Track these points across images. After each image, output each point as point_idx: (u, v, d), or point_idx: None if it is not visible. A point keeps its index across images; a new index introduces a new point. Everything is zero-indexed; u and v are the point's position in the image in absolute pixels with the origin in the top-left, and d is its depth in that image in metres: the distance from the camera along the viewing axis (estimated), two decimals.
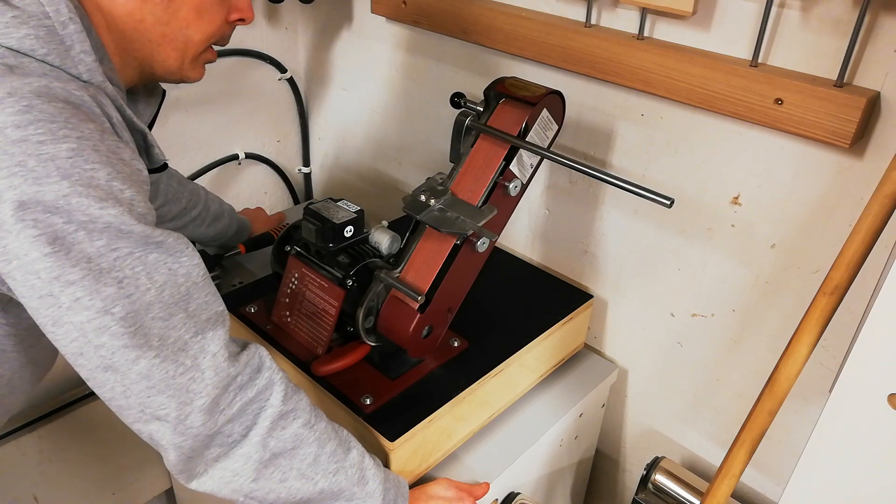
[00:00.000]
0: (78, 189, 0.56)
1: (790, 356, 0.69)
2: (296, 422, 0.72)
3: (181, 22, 0.70)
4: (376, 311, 0.90)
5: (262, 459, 0.69)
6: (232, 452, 0.68)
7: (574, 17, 1.03)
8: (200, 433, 0.65)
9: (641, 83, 0.96)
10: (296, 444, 0.72)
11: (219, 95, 1.40)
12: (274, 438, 0.70)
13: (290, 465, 0.72)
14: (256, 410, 0.69)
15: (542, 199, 1.20)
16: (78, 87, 0.60)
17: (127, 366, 0.61)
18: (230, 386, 0.67)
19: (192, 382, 0.64)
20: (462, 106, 0.94)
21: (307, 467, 0.73)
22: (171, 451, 0.66)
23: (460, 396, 0.93)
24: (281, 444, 0.71)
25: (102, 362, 0.60)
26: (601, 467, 1.32)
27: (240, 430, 0.68)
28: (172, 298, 0.63)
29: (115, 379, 0.61)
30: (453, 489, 0.90)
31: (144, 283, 0.60)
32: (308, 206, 0.98)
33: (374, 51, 1.38)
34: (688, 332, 1.08)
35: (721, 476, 0.74)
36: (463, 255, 0.88)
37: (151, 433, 0.66)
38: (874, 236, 0.65)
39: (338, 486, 0.75)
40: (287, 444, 0.71)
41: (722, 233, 0.99)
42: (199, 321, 0.65)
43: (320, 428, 0.75)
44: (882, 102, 0.80)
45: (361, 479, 0.77)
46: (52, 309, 0.58)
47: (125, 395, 0.62)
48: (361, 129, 1.50)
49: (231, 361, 0.67)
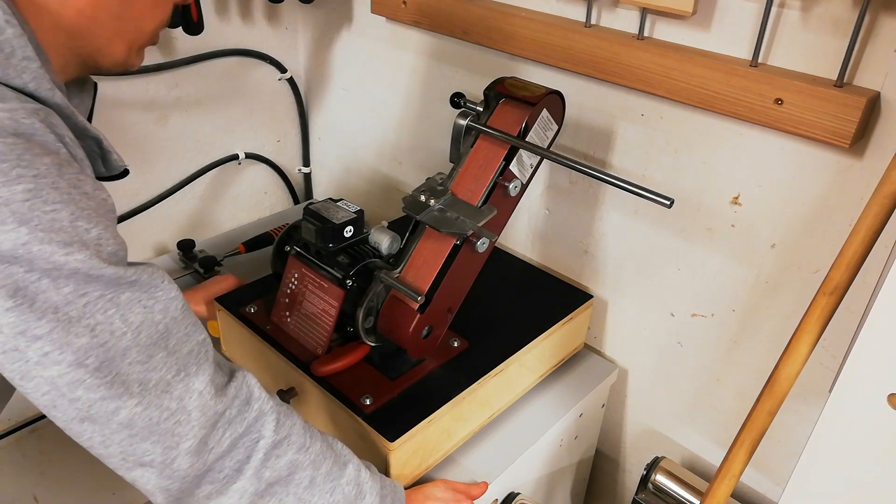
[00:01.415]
0: (38, 235, 0.51)
1: (790, 356, 0.69)
2: (290, 449, 0.69)
3: (136, 14, 0.65)
4: (376, 311, 0.90)
5: (258, 491, 0.67)
6: (226, 489, 0.65)
7: (574, 17, 1.03)
8: (189, 474, 0.62)
9: (641, 83, 0.96)
10: (291, 471, 0.69)
11: (219, 95, 1.40)
12: (269, 469, 0.67)
13: (286, 491, 0.69)
14: (249, 444, 0.66)
15: (542, 199, 1.20)
16: (27, 114, 0.53)
17: (106, 417, 0.57)
18: (218, 423, 0.63)
19: (177, 426, 0.60)
20: (462, 106, 0.94)
21: (303, 491, 0.71)
22: (159, 495, 0.62)
23: (460, 396, 0.93)
24: (276, 473, 0.68)
25: (79, 414, 0.56)
26: (601, 467, 1.32)
27: (232, 466, 0.65)
28: (150, 339, 0.58)
29: (93, 429, 0.57)
30: (450, 490, 0.89)
31: (119, 328, 0.56)
32: (308, 206, 0.98)
33: (374, 51, 1.38)
34: (688, 332, 1.08)
35: (721, 476, 0.74)
36: (463, 255, 0.88)
37: (135, 479, 0.62)
38: (874, 236, 0.65)
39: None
40: (283, 472, 0.69)
41: (722, 233, 0.99)
42: (180, 357, 0.61)
43: (315, 450, 0.72)
44: (882, 102, 0.80)
45: (359, 495, 0.76)
46: (19, 364, 0.53)
47: (105, 445, 0.59)
48: (361, 128, 1.50)
49: (218, 397, 0.63)
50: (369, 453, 0.90)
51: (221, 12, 1.34)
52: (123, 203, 1.34)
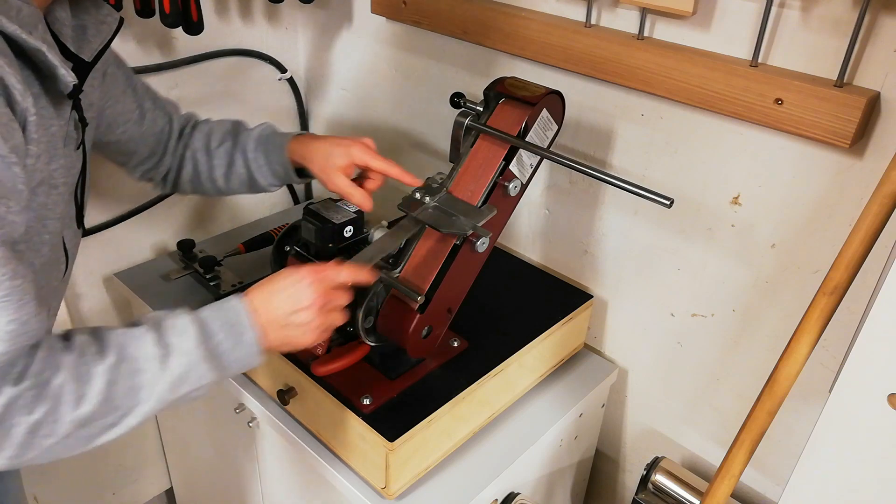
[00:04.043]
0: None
1: (790, 356, 0.69)
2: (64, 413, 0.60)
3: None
4: (376, 311, 0.90)
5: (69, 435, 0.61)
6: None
7: (574, 17, 1.03)
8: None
9: (641, 83, 0.96)
10: (82, 423, 0.61)
11: (219, 95, 1.39)
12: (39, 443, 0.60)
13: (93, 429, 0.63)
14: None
15: (542, 199, 1.20)
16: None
17: None
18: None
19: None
20: (462, 106, 0.94)
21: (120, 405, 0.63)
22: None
23: (460, 396, 0.93)
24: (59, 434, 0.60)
25: None
26: (601, 467, 1.32)
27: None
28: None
29: None
30: (311, 287, 0.73)
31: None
32: (308, 206, 0.98)
33: (374, 51, 1.38)
34: (688, 332, 1.08)
35: (721, 476, 0.74)
36: (463, 255, 0.88)
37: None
38: (874, 236, 0.65)
39: (157, 383, 0.65)
40: (68, 428, 0.61)
41: (722, 233, 0.99)
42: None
43: (96, 389, 0.62)
44: (882, 102, 0.80)
45: (164, 357, 0.65)
46: None
47: None
48: (361, 129, 1.50)
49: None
50: (369, 453, 0.90)
51: (221, 12, 1.34)
52: (124, 203, 1.34)
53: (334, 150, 0.91)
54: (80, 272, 1.32)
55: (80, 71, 0.75)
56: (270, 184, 1.00)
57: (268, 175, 0.99)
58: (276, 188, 1.03)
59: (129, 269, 1.34)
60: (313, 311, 0.73)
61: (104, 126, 0.91)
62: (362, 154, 0.89)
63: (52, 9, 0.71)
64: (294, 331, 0.73)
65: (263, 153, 0.98)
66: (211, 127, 1.03)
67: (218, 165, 1.00)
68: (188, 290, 1.27)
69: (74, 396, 0.60)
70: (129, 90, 0.93)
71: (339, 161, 0.90)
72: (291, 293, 0.72)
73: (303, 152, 0.94)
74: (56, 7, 0.72)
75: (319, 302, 0.73)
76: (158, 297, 1.25)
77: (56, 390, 0.60)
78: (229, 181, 1.01)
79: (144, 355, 0.64)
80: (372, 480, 0.92)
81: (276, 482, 1.16)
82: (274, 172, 0.98)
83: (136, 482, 1.59)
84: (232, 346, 0.69)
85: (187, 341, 0.66)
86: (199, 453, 1.41)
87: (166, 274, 1.30)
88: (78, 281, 1.33)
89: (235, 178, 1.01)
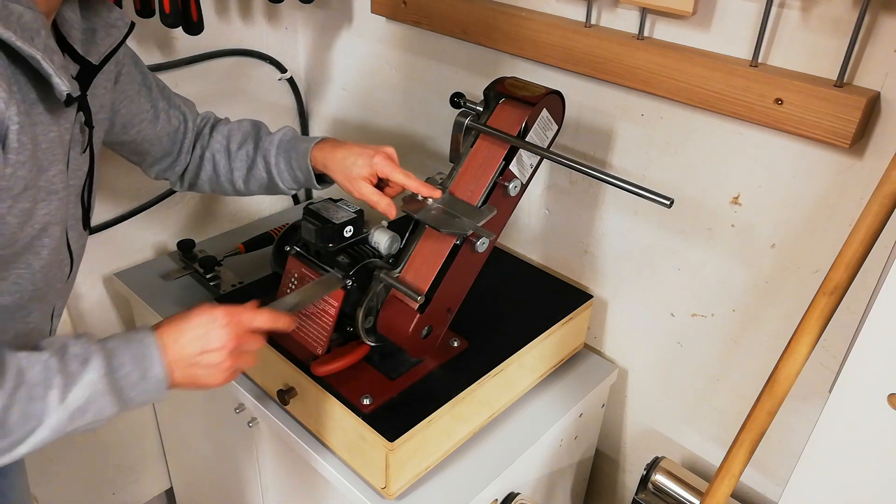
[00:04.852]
0: None
1: (790, 356, 0.69)
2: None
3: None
4: (376, 311, 0.90)
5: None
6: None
7: (574, 17, 1.03)
8: None
9: (641, 83, 0.96)
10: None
11: (219, 95, 1.39)
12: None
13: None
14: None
15: (542, 199, 1.20)
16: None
17: None
18: None
19: None
20: (462, 106, 0.94)
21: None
22: None
23: (460, 396, 0.93)
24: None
25: None
26: (601, 467, 1.32)
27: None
28: None
29: None
30: (224, 330, 0.72)
31: None
32: (308, 206, 0.98)
33: (374, 51, 1.38)
34: (688, 332, 1.08)
35: (721, 476, 0.74)
36: (462, 255, 0.88)
37: None
38: (874, 236, 0.65)
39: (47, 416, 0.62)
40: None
41: (722, 233, 0.99)
42: None
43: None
44: (882, 102, 0.80)
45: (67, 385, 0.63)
46: None
47: None
48: (361, 129, 1.50)
49: None
50: (369, 453, 0.90)
51: (221, 12, 1.34)
52: (124, 203, 1.34)
53: (357, 161, 0.91)
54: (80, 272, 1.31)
55: (89, 74, 0.75)
56: (290, 188, 1.00)
57: (288, 180, 0.99)
58: (295, 192, 1.03)
59: (129, 269, 1.34)
60: (223, 354, 0.71)
61: (119, 126, 0.91)
62: (384, 166, 0.89)
63: (62, 11, 0.71)
64: (202, 370, 0.71)
65: (285, 159, 0.98)
66: (230, 128, 1.03)
67: (238, 168, 1.01)
68: (188, 290, 1.27)
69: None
70: (144, 90, 0.93)
71: (362, 171, 0.90)
72: (202, 333, 0.71)
73: (325, 161, 0.94)
74: (65, 9, 0.72)
75: (231, 345, 0.72)
76: (158, 297, 1.25)
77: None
78: (248, 184, 1.01)
79: (44, 382, 0.62)
80: (372, 480, 0.92)
81: (276, 482, 1.16)
82: (294, 178, 0.99)
83: (136, 482, 1.59)
84: (137, 379, 0.67)
85: (91, 372, 0.64)
86: (199, 453, 1.41)
87: (166, 274, 1.30)
88: (78, 281, 1.32)
89: (255, 181, 1.01)
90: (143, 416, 1.51)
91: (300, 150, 0.96)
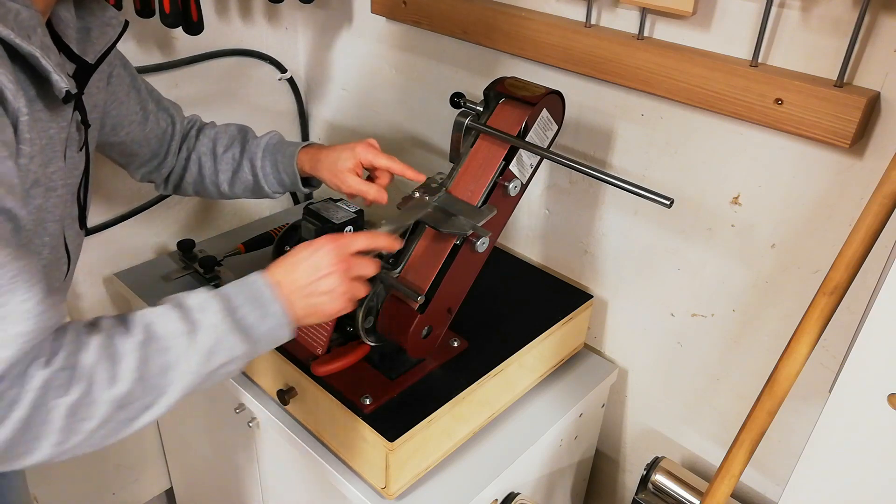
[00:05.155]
0: None
1: (790, 356, 0.69)
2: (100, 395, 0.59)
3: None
4: (376, 311, 0.90)
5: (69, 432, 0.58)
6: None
7: (574, 17, 1.03)
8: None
9: (641, 83, 0.96)
10: (120, 405, 0.60)
11: (219, 95, 1.39)
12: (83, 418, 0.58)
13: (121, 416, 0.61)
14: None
15: (542, 199, 1.20)
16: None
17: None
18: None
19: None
20: (462, 106, 0.94)
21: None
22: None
23: (460, 396, 0.93)
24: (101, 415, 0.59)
25: None
26: (601, 467, 1.32)
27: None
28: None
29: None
30: (330, 254, 0.74)
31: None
32: (308, 206, 0.98)
33: (374, 51, 1.38)
34: (688, 332, 1.08)
35: (721, 476, 0.74)
36: (462, 255, 0.88)
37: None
38: (874, 236, 0.65)
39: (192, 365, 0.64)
40: (108, 409, 0.59)
41: (722, 233, 0.98)
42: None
43: (126, 375, 0.60)
44: (882, 102, 0.80)
45: (191, 332, 0.65)
46: None
47: None
48: (361, 129, 1.50)
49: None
50: (369, 453, 0.90)
51: (221, 12, 1.34)
52: (123, 203, 1.34)
53: (341, 155, 0.93)
54: (80, 272, 1.32)
55: (84, 73, 0.75)
56: (275, 191, 1.02)
57: (273, 183, 1.00)
58: (280, 195, 1.04)
59: (129, 269, 1.34)
60: (337, 277, 0.73)
61: (108, 127, 0.91)
62: (366, 153, 0.90)
63: (57, 10, 0.71)
64: (320, 298, 0.73)
65: (271, 162, 0.99)
66: (217, 131, 1.04)
67: (223, 171, 1.02)
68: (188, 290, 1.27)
69: (107, 376, 0.60)
70: (134, 92, 0.94)
71: (346, 163, 0.92)
72: (312, 262, 0.73)
73: (312, 163, 0.96)
74: (60, 8, 0.72)
75: (341, 267, 0.74)
76: (158, 297, 1.24)
77: (88, 370, 0.59)
78: (233, 186, 1.03)
79: (172, 332, 0.64)
80: (372, 480, 0.92)
81: (276, 482, 1.16)
82: (280, 181, 1.00)
83: (136, 482, 1.59)
84: (259, 318, 0.69)
85: (213, 316, 0.66)
86: (199, 453, 1.41)
87: (166, 274, 1.30)
88: (78, 281, 1.33)
89: (240, 184, 1.02)
90: None
91: (286, 153, 0.98)
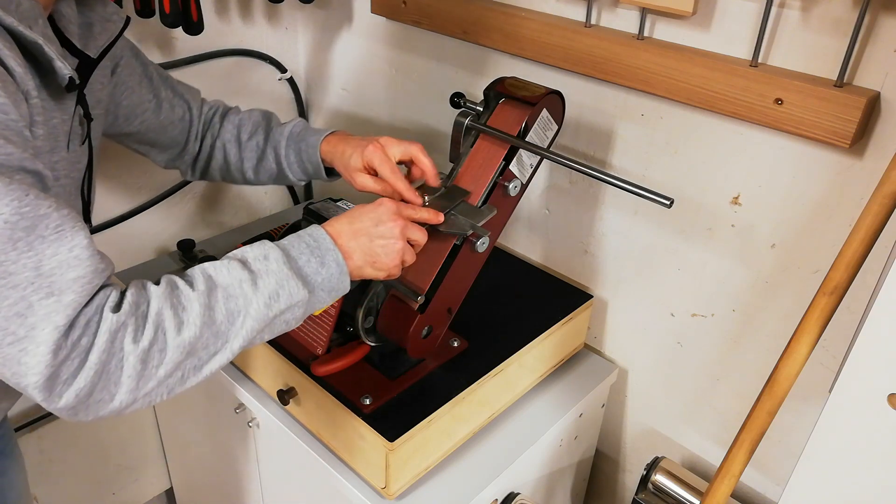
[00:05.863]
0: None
1: (790, 356, 0.69)
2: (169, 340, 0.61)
3: None
4: (376, 311, 0.90)
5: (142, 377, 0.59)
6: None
7: (574, 17, 1.03)
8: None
9: (641, 83, 0.96)
10: (189, 350, 0.62)
11: (219, 95, 1.38)
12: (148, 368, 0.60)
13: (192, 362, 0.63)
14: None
15: (542, 199, 1.20)
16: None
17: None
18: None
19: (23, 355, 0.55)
20: (462, 106, 0.94)
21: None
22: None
23: (460, 396, 0.93)
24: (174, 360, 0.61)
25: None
26: (601, 467, 1.32)
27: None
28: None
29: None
30: (392, 214, 0.77)
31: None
32: (308, 206, 0.98)
33: (374, 51, 1.38)
34: (688, 332, 1.08)
35: (721, 476, 0.74)
36: (463, 255, 0.88)
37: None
38: (874, 236, 0.65)
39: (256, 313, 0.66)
40: (181, 352, 0.61)
41: (722, 233, 0.99)
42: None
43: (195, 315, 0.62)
44: (882, 102, 0.80)
45: (254, 279, 0.66)
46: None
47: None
48: (361, 129, 1.50)
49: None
50: (369, 453, 0.90)
51: (221, 12, 1.34)
52: (124, 203, 1.34)
53: (354, 153, 0.93)
54: None
55: (87, 68, 0.75)
56: (299, 179, 1.03)
57: (297, 172, 1.01)
58: (304, 182, 1.06)
59: (129, 269, 1.34)
60: (397, 229, 0.76)
61: (122, 118, 0.92)
62: (372, 157, 0.90)
63: (58, 6, 0.72)
64: (379, 247, 0.75)
65: (295, 151, 1.00)
66: (241, 118, 1.04)
67: (248, 158, 1.02)
68: None
69: (175, 322, 0.61)
70: (146, 80, 0.94)
71: (357, 164, 0.92)
72: (375, 214, 0.76)
73: (330, 155, 0.97)
74: (62, 4, 0.72)
75: (401, 222, 0.76)
76: None
77: (156, 317, 0.61)
78: (258, 174, 1.04)
79: (234, 280, 0.65)
80: (372, 480, 0.93)
81: (276, 482, 1.16)
82: (304, 170, 1.01)
83: (136, 482, 1.59)
84: (317, 266, 0.71)
85: (273, 263, 0.68)
86: (199, 453, 1.41)
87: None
88: None
89: (265, 171, 1.03)
90: (143, 416, 1.51)
91: (310, 142, 0.98)
